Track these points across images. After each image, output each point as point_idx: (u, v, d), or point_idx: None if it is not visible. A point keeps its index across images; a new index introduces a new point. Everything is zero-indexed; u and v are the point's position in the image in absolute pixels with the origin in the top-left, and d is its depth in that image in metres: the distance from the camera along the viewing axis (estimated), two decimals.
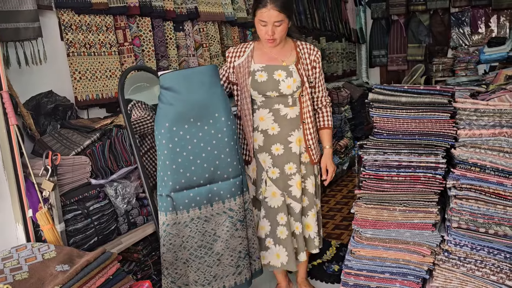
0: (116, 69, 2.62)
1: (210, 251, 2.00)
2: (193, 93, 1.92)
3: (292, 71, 2.14)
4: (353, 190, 4.36)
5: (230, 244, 2.00)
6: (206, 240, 1.99)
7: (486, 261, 1.72)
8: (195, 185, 1.95)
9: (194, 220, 1.97)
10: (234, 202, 2.00)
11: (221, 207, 1.99)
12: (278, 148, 2.20)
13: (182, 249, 2.00)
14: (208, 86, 1.94)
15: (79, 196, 1.96)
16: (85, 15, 2.47)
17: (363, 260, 1.97)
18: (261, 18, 2.04)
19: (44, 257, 1.51)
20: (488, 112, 1.74)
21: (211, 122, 1.95)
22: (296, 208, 2.23)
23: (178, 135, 1.92)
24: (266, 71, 2.14)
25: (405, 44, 6.54)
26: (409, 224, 1.86)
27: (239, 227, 2.01)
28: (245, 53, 2.21)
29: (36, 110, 2.19)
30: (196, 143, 1.93)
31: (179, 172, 1.93)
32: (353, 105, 5.43)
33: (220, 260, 2.01)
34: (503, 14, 5.88)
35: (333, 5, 5.91)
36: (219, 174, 1.97)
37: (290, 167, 2.21)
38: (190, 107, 1.92)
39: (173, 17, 3.03)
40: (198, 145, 1.93)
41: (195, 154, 1.93)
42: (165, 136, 1.92)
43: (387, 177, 1.87)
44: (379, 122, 1.91)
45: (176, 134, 1.92)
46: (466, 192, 1.72)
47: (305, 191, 2.27)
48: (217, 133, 1.95)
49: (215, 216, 1.99)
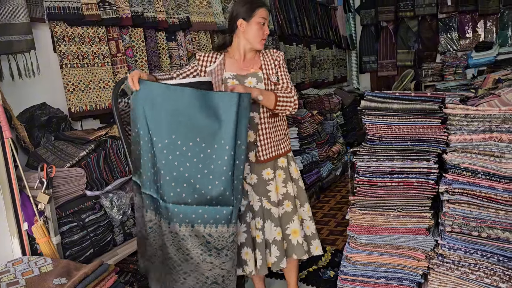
0: (110, 80, 2.62)
1: (179, 267, 1.97)
2: (207, 116, 1.89)
3: (262, 77, 2.18)
4: (346, 195, 4.39)
5: (199, 268, 1.94)
6: (178, 256, 1.96)
7: (480, 264, 1.74)
8: (182, 202, 1.91)
9: (172, 234, 1.93)
10: (215, 229, 1.93)
11: (201, 230, 1.93)
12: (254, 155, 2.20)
13: (161, 250, 2.00)
14: (224, 113, 1.90)
15: (74, 208, 1.96)
16: (77, 27, 2.48)
17: (358, 265, 1.98)
18: (263, 15, 2.14)
19: (41, 270, 1.50)
20: (478, 118, 1.78)
21: (215, 147, 1.90)
22: (275, 213, 2.20)
23: (181, 150, 1.89)
24: (237, 80, 2.16)
25: (395, 50, 6.63)
26: (403, 229, 1.88)
27: (213, 253, 1.94)
28: (216, 61, 2.23)
29: (29, 122, 2.19)
30: (195, 163, 1.90)
31: (171, 186, 1.90)
32: (344, 111, 5.48)
33: (186, 279, 1.97)
34: (489, 19, 5.99)
35: (323, 12, 5.99)
36: (208, 199, 1.91)
37: (267, 173, 2.20)
38: (201, 128, 1.90)
39: (166, 27, 3.05)
40: (197, 165, 1.90)
41: (191, 173, 1.90)
42: (168, 147, 1.89)
43: (381, 183, 1.89)
44: (371, 129, 1.94)
45: (179, 148, 1.89)
46: (458, 197, 1.74)
47: (287, 196, 2.25)
48: (218, 159, 1.90)
49: (193, 238, 1.93)
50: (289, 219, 2.23)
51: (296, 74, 5.02)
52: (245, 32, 2.16)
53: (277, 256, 2.19)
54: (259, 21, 2.13)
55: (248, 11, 2.14)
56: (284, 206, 2.23)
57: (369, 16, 6.74)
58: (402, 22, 6.50)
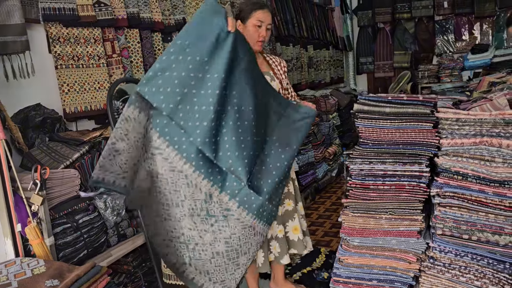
0: (105, 81, 2.63)
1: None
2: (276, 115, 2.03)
3: (274, 76, 2.30)
4: (342, 197, 4.40)
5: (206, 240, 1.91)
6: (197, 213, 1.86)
7: (470, 266, 1.75)
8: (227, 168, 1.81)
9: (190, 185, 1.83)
10: (233, 203, 1.86)
11: (224, 200, 1.85)
12: None
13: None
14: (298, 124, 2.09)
15: (68, 209, 1.96)
16: (73, 28, 2.48)
17: (351, 267, 1.99)
18: (259, 18, 2.18)
19: (34, 272, 1.51)
20: (469, 122, 1.79)
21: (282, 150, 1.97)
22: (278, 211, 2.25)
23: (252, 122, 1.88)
24: None
25: (391, 51, 6.65)
26: (395, 232, 1.90)
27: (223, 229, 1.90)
28: None
29: (24, 123, 2.19)
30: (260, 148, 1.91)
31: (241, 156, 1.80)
32: (341, 112, 5.50)
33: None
34: (485, 21, 6.02)
35: (320, 13, 6.00)
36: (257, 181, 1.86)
37: None
38: (270, 126, 2.01)
39: (161, 28, 3.06)
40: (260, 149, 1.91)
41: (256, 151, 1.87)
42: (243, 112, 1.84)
43: (373, 186, 1.91)
44: (364, 132, 1.95)
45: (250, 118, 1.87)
46: (449, 200, 1.76)
47: (288, 194, 2.31)
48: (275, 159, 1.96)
49: (214, 204, 1.86)
50: (290, 217, 2.30)
51: (292, 75, 5.03)
52: (243, 33, 2.19)
53: (278, 252, 2.25)
54: (255, 23, 2.18)
55: (245, 13, 2.22)
56: (285, 204, 2.30)
57: (366, 17, 6.76)
58: (399, 23, 6.52)
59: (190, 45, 1.77)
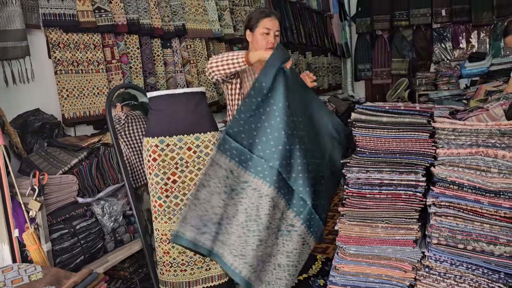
0: (104, 86, 2.64)
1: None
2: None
3: None
4: (339, 203, 4.40)
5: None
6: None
7: (465, 276, 1.76)
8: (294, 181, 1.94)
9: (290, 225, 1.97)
10: (298, 221, 1.97)
11: (290, 216, 1.96)
12: None
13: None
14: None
15: (65, 215, 1.96)
16: (73, 33, 2.49)
17: (347, 276, 2.00)
18: (266, 26, 2.24)
19: (31, 278, 1.51)
20: (465, 132, 1.81)
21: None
22: None
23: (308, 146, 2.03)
24: None
25: (389, 59, 6.69)
26: (391, 241, 1.90)
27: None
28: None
29: (23, 128, 2.19)
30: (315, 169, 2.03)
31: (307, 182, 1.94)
32: (338, 118, 5.50)
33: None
34: (483, 30, 6.06)
35: (319, 20, 6.03)
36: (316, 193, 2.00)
37: None
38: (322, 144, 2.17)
39: (161, 34, 3.07)
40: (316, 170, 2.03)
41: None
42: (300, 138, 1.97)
43: (370, 195, 1.92)
44: (361, 141, 1.96)
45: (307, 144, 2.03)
46: (445, 209, 1.77)
47: None
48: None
49: (282, 220, 1.97)
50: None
51: None
52: (252, 42, 2.30)
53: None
54: (263, 31, 2.24)
55: (253, 22, 2.28)
56: None
57: (364, 24, 6.80)
58: (397, 31, 6.56)
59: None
